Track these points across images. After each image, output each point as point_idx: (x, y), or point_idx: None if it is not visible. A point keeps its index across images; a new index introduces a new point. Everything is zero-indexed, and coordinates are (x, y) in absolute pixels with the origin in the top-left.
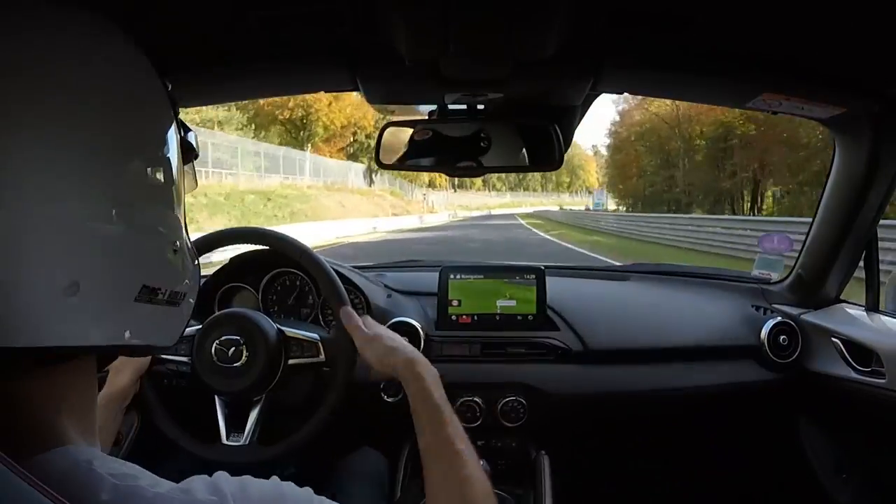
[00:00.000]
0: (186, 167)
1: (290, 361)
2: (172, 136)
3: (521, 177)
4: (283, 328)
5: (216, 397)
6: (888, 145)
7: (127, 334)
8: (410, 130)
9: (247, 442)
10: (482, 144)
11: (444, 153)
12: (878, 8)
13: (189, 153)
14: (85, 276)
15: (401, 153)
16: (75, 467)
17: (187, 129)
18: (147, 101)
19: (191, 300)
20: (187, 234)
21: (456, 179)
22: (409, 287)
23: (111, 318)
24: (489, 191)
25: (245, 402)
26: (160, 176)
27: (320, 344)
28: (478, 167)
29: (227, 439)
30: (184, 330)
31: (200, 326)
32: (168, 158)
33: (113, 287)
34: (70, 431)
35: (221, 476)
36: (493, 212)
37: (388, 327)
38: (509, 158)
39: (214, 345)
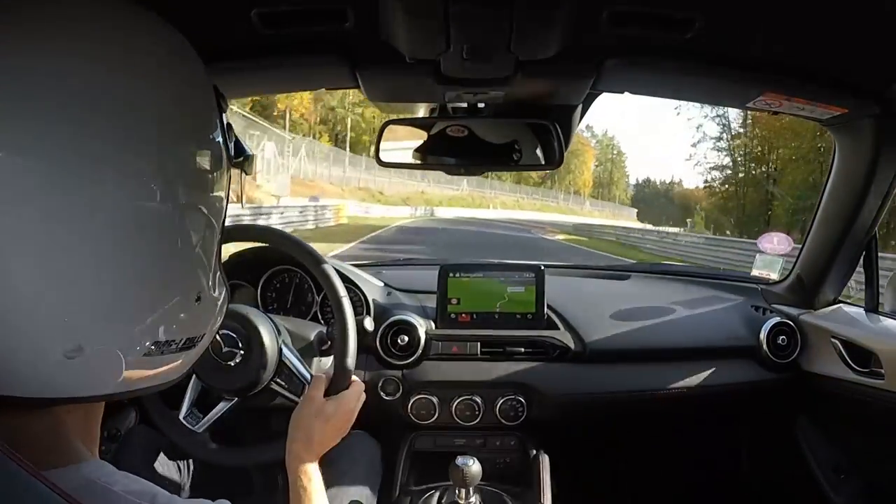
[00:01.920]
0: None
1: (273, 385)
2: (220, 173)
3: None
4: (283, 349)
5: (194, 374)
6: (888, 147)
7: (133, 383)
8: (410, 128)
9: (200, 430)
10: (482, 142)
11: (443, 151)
12: (878, 10)
13: (244, 167)
14: (90, 340)
15: (400, 151)
16: (91, 485)
17: (244, 151)
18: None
19: (208, 337)
20: (218, 266)
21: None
22: (408, 285)
23: (119, 372)
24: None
25: (216, 396)
26: (198, 232)
27: (306, 388)
28: (477, 165)
29: (184, 418)
30: (193, 364)
31: None
32: (209, 211)
33: (119, 347)
34: (80, 448)
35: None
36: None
37: (388, 325)
38: (509, 157)
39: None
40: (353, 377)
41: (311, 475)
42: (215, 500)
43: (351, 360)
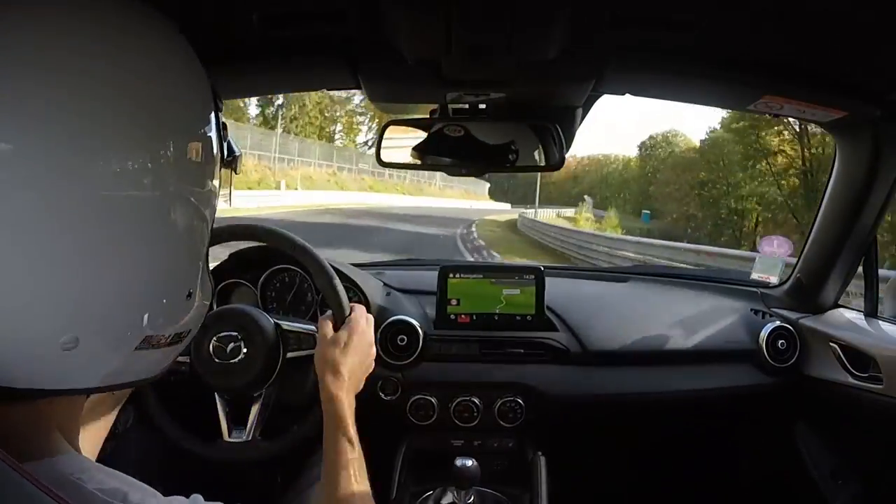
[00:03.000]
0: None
1: (289, 355)
2: (201, 192)
3: None
4: (279, 322)
5: (216, 395)
6: (889, 150)
7: (121, 376)
8: (411, 129)
9: (249, 438)
10: (479, 143)
11: (444, 152)
12: (879, 12)
13: (232, 164)
14: (85, 331)
15: (401, 152)
16: (63, 480)
17: (233, 150)
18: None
19: (194, 331)
20: (206, 265)
21: None
22: (407, 285)
23: (109, 365)
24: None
25: (246, 399)
26: (181, 228)
27: (317, 335)
28: (475, 166)
29: (230, 436)
30: (176, 357)
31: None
32: (199, 209)
33: (114, 340)
34: (59, 441)
35: (198, 499)
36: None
37: (387, 325)
38: (506, 158)
39: (212, 342)
40: (353, 304)
41: (346, 413)
42: (189, 497)
43: (343, 297)
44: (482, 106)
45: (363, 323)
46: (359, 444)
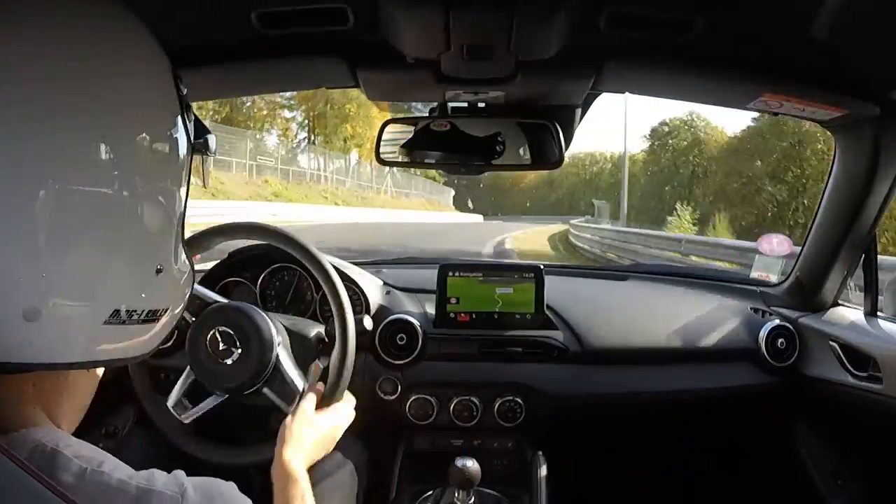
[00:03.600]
0: (200, 166)
1: (265, 390)
2: (171, 166)
3: None
4: (280, 355)
5: (188, 367)
6: (888, 149)
7: (94, 353)
8: (410, 127)
9: (185, 421)
10: (482, 143)
11: (442, 151)
12: (879, 12)
13: (204, 151)
14: (46, 302)
15: (400, 150)
16: (41, 448)
17: (205, 131)
18: (159, 129)
19: (175, 311)
20: (184, 243)
21: None
22: (407, 284)
23: (77, 339)
24: None
25: (205, 388)
26: (153, 204)
27: (298, 398)
28: (477, 165)
29: (173, 406)
30: (160, 343)
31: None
32: (163, 184)
33: (78, 312)
34: (36, 414)
35: (180, 473)
36: None
37: (386, 324)
38: (509, 157)
39: (208, 337)
40: (346, 393)
41: (302, 482)
42: (171, 472)
43: (347, 375)
44: (481, 104)
45: (344, 419)
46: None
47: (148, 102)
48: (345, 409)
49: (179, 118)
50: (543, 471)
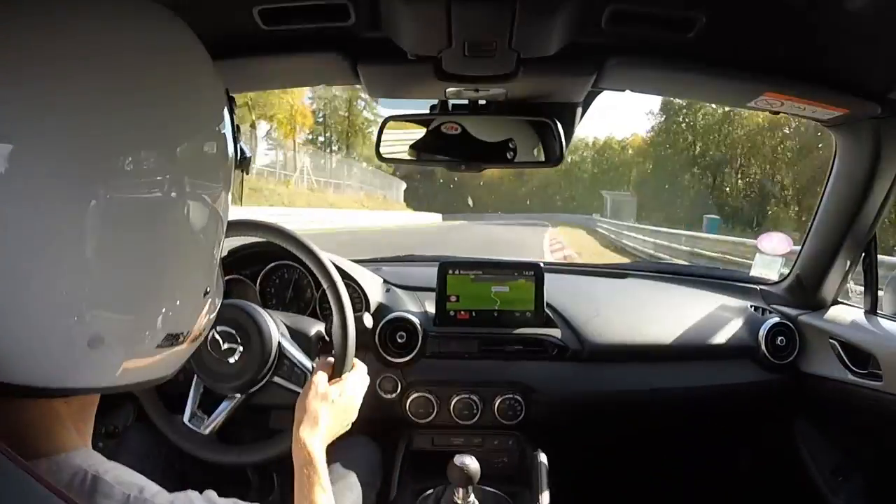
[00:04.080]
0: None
1: (275, 379)
2: (219, 195)
3: None
4: (282, 341)
5: (195, 377)
6: (888, 147)
7: (143, 374)
8: (411, 125)
9: (206, 432)
10: (482, 140)
11: (443, 148)
12: (880, 11)
13: (243, 164)
14: (110, 330)
15: (400, 147)
16: (81, 473)
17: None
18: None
19: (207, 329)
20: (219, 265)
21: None
22: (407, 282)
23: (129, 364)
24: None
25: (217, 394)
26: (198, 226)
27: (309, 377)
28: (477, 162)
29: (189, 421)
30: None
31: None
32: (215, 201)
33: (137, 338)
34: (72, 436)
35: (212, 494)
36: None
37: (386, 322)
38: (504, 155)
39: (209, 339)
40: (355, 360)
41: (318, 463)
42: (203, 493)
43: (351, 344)
44: (482, 102)
45: (358, 385)
46: (331, 489)
47: (202, 113)
48: (357, 378)
49: (229, 127)
50: (544, 468)
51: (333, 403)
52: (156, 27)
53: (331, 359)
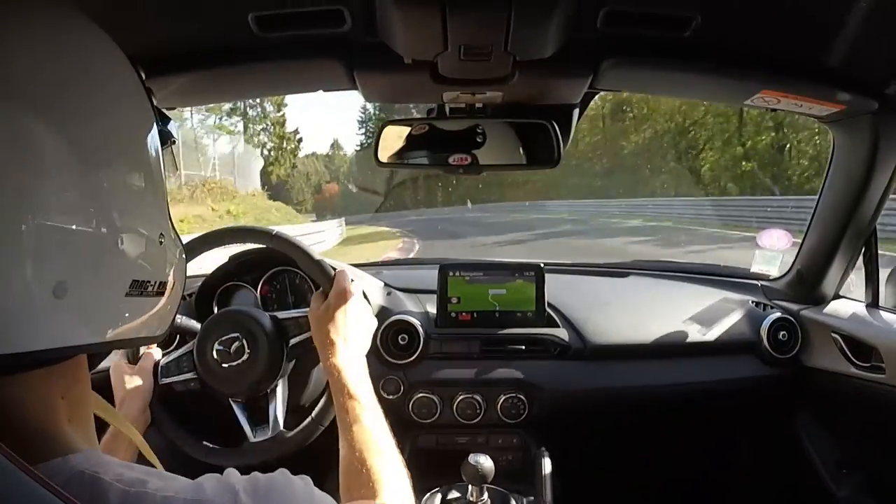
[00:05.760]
0: (165, 152)
1: (292, 342)
2: (153, 135)
3: None
4: (275, 314)
5: (231, 401)
6: (886, 142)
7: (119, 329)
8: (409, 129)
9: (274, 434)
10: (480, 143)
11: (441, 152)
12: (876, 6)
13: (167, 140)
14: (72, 276)
15: (398, 152)
16: (79, 476)
17: (167, 120)
18: (127, 105)
19: (179, 287)
20: (171, 222)
21: None
22: (408, 284)
23: (102, 315)
24: None
25: (260, 397)
26: (142, 175)
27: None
28: (475, 165)
29: (255, 437)
30: (174, 318)
31: (197, 334)
32: (148, 159)
33: (102, 285)
34: (72, 438)
35: (232, 473)
36: None
37: (388, 325)
38: (507, 157)
39: (215, 347)
40: (333, 269)
41: (352, 383)
42: (224, 472)
43: (327, 267)
44: (479, 105)
45: (346, 283)
46: (368, 398)
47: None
48: (339, 276)
49: (151, 110)
50: (548, 466)
51: (336, 312)
52: (67, 32)
53: (321, 289)
